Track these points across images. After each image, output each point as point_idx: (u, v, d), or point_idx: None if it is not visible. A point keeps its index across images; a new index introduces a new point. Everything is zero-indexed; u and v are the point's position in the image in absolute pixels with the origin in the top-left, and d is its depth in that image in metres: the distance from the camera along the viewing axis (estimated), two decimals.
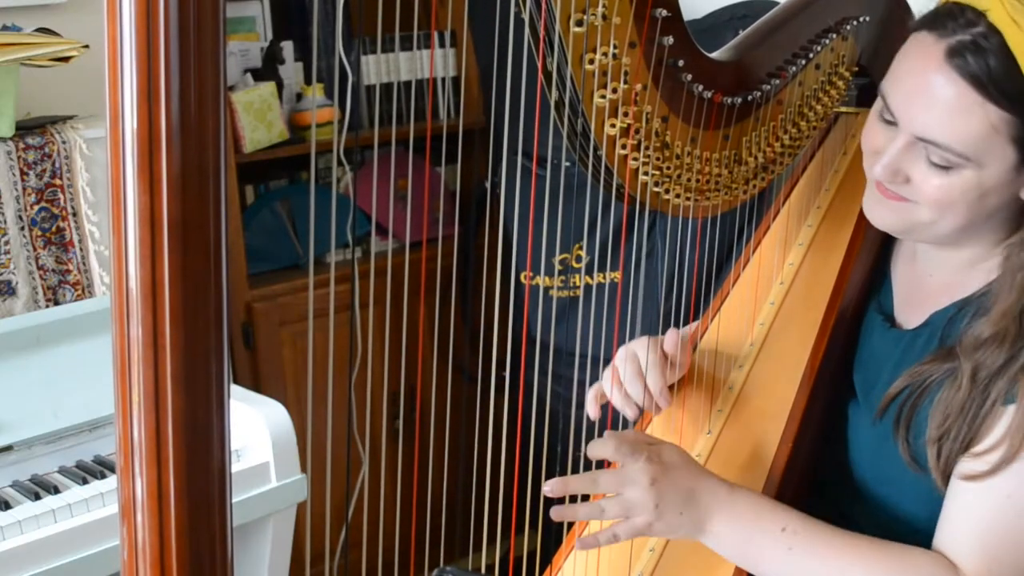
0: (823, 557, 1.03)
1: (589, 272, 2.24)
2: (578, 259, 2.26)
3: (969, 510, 1.01)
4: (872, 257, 1.25)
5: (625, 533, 1.06)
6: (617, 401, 1.21)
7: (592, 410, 1.23)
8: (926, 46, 1.02)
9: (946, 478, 1.04)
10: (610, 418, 1.22)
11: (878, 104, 1.09)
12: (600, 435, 1.18)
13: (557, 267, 2.26)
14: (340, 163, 1.97)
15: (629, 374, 1.20)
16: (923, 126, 1.02)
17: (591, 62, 1.04)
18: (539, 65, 1.02)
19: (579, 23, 1.01)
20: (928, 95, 1.01)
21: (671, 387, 1.25)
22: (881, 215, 1.10)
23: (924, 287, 1.16)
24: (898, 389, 1.09)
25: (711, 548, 1.07)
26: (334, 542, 2.18)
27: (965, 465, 1.02)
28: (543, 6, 0.99)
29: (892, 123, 1.06)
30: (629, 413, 1.21)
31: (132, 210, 0.60)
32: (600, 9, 1.01)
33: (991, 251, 1.09)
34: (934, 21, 1.02)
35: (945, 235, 1.08)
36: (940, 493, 1.05)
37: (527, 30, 1.01)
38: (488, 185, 2.52)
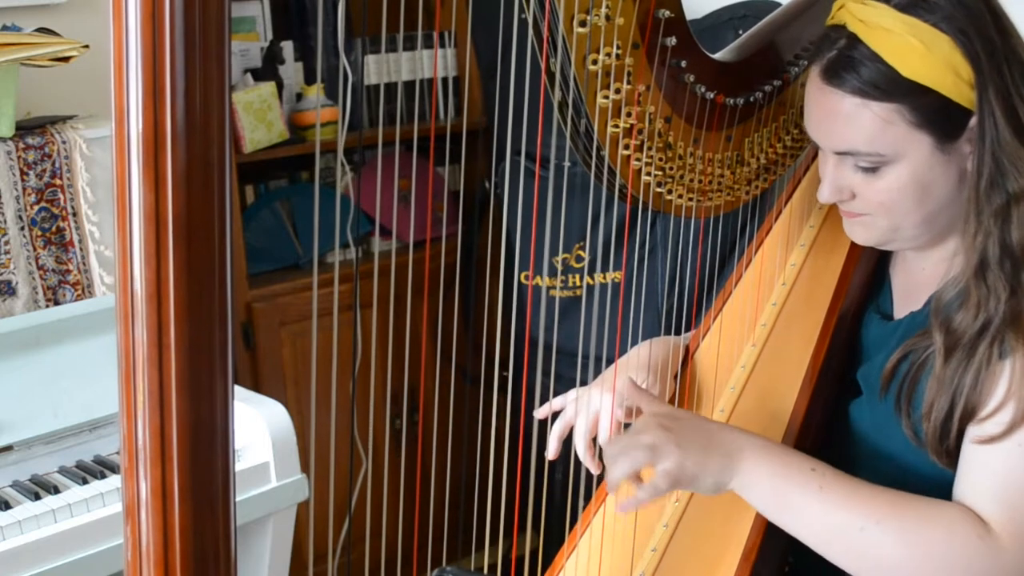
0: (854, 501, 1.02)
1: (590, 272, 2.24)
2: (579, 259, 2.26)
3: (984, 465, 1.01)
4: (873, 258, 1.25)
5: (662, 480, 1.03)
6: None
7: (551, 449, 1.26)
8: (811, 74, 1.10)
9: (940, 450, 1.04)
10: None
11: None
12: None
13: (559, 267, 2.26)
14: (341, 163, 1.97)
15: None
16: (832, 141, 1.08)
17: (594, 63, 1.04)
18: (543, 66, 1.02)
19: (582, 24, 1.01)
20: (822, 114, 1.08)
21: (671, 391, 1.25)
22: (856, 233, 1.15)
23: (916, 283, 1.18)
24: (893, 365, 1.10)
25: (740, 493, 1.04)
26: (335, 542, 2.18)
27: (975, 430, 1.02)
28: (547, 7, 0.99)
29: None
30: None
31: (137, 209, 0.60)
32: (603, 10, 1.02)
33: None
34: (813, 52, 1.10)
35: (915, 236, 1.11)
36: (939, 470, 1.05)
37: (531, 31, 1.01)
38: (489, 186, 2.52)
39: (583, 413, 1.23)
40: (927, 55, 1.01)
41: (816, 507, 1.02)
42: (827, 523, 1.02)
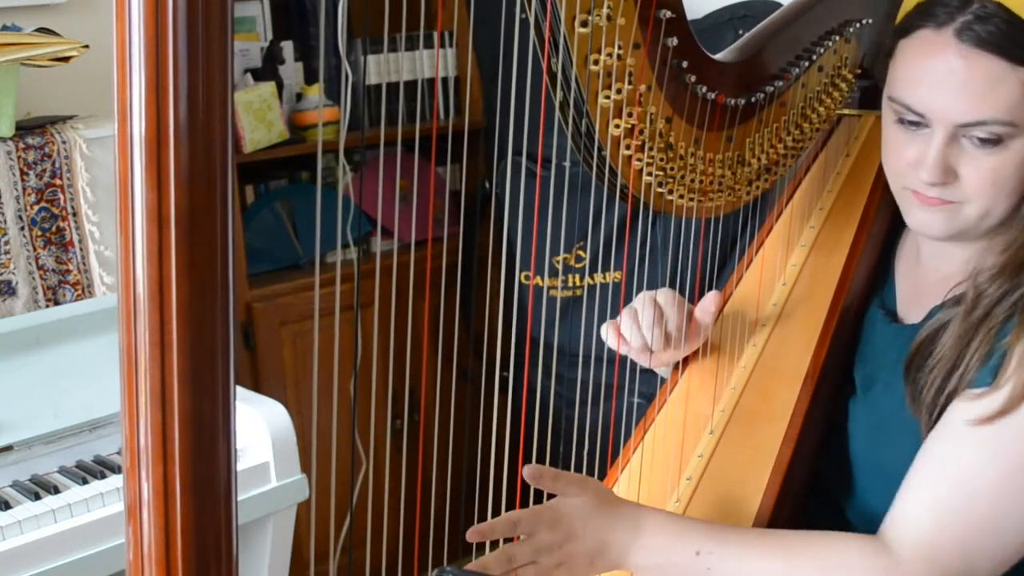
0: (742, 567, 1.01)
1: (591, 272, 2.25)
2: (578, 259, 2.27)
3: (929, 484, 1.00)
4: (875, 256, 1.25)
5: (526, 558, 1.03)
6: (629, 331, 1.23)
7: (611, 340, 1.24)
8: (931, 39, 1.02)
9: (927, 408, 1.03)
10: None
11: (890, 117, 1.08)
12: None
13: (559, 267, 2.26)
14: (342, 164, 1.97)
15: (647, 317, 1.23)
16: (962, 111, 1.01)
17: (596, 63, 1.04)
18: (544, 66, 1.02)
19: (584, 24, 1.01)
20: (955, 81, 1.00)
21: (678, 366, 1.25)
22: (927, 219, 1.08)
23: (927, 283, 1.16)
24: (910, 358, 1.08)
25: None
26: (335, 542, 2.19)
27: (959, 406, 1.00)
28: (548, 7, 0.99)
29: (920, 124, 1.05)
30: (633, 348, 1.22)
31: (140, 208, 0.60)
32: (605, 10, 1.02)
33: None
34: (926, 15, 1.03)
35: (995, 226, 1.06)
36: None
37: (532, 31, 1.01)
38: (489, 185, 2.53)
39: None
40: None
41: None
42: None
